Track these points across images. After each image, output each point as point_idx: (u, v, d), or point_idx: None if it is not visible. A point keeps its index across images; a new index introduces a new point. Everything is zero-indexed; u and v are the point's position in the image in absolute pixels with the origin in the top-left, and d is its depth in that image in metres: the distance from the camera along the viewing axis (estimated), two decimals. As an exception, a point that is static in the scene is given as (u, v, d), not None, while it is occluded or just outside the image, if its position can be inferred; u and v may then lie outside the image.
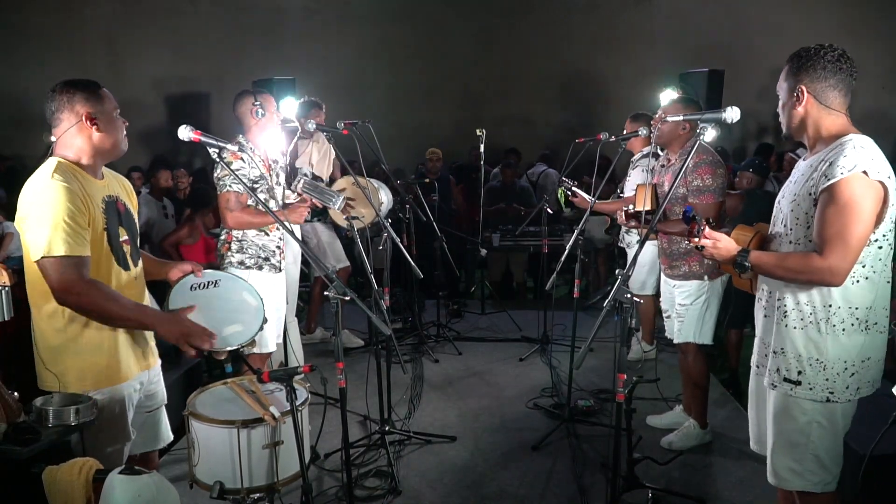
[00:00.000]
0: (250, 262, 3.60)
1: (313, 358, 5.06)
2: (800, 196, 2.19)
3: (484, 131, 6.07)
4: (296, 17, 9.52)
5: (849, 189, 2.04)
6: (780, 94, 2.28)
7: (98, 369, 2.34)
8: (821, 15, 8.99)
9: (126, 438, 2.44)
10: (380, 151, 4.35)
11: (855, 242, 2.06)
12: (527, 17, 9.48)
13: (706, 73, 6.67)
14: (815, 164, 2.17)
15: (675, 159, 3.64)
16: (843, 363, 2.18)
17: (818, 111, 2.19)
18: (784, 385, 2.24)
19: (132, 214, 2.54)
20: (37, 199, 2.19)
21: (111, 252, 2.34)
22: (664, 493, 3.27)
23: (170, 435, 2.75)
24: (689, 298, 3.63)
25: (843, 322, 2.16)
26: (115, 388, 2.37)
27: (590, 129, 5.00)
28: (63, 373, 2.33)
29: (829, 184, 2.06)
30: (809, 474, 2.25)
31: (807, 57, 2.18)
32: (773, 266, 2.19)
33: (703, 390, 3.76)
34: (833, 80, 2.17)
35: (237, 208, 3.52)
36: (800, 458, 2.25)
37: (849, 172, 2.04)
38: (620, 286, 2.34)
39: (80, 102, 2.30)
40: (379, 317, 2.66)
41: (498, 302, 6.51)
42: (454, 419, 4.23)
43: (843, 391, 2.19)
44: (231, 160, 3.50)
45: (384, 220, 4.03)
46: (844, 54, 2.17)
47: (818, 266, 2.08)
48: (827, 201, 2.07)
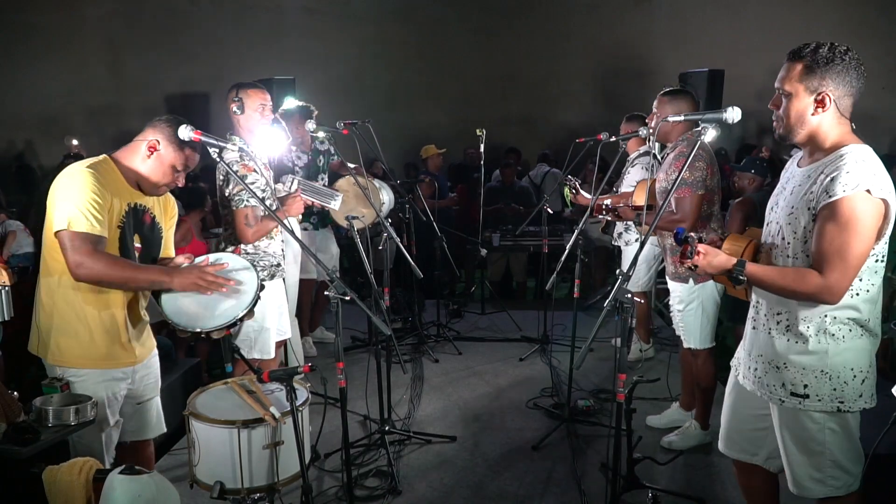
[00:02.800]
0: (264, 275, 3.41)
1: (313, 358, 5.06)
2: (797, 209, 2.12)
3: (484, 131, 6.07)
4: (296, 16, 9.53)
5: (850, 207, 1.97)
6: (786, 92, 2.09)
7: (78, 352, 2.47)
8: (821, 15, 9.00)
9: (105, 422, 2.52)
10: (380, 151, 4.35)
11: (855, 261, 2.01)
12: (527, 17, 9.48)
13: (706, 73, 6.67)
14: (813, 176, 2.09)
15: (667, 151, 3.60)
16: (850, 371, 2.13)
17: (833, 120, 2.07)
18: (792, 399, 2.19)
19: (158, 229, 2.67)
20: (67, 181, 2.38)
21: (119, 251, 2.47)
22: (664, 493, 3.27)
23: (162, 427, 2.82)
24: (681, 304, 3.59)
25: (840, 331, 2.13)
26: (91, 371, 2.48)
27: (590, 129, 4.99)
28: (46, 344, 2.48)
29: (830, 201, 1.99)
30: (832, 480, 2.20)
31: (831, 58, 2.01)
32: (769, 281, 2.12)
33: (709, 393, 3.72)
34: (854, 89, 2.05)
35: (255, 223, 3.32)
36: (819, 465, 2.20)
37: (851, 191, 1.96)
38: (620, 286, 2.34)
39: (162, 132, 2.51)
40: (379, 317, 2.66)
41: (498, 302, 6.51)
42: (454, 419, 4.23)
43: (854, 399, 2.14)
44: (245, 173, 3.27)
45: (384, 220, 4.02)
46: (860, 59, 2.04)
47: (816, 284, 2.02)
48: (827, 218, 2.00)
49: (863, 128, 2.18)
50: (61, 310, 2.45)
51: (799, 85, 2.06)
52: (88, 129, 8.93)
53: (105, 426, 2.53)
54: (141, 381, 2.68)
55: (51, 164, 7.69)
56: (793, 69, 2.07)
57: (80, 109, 9.02)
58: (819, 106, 2.05)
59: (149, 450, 2.87)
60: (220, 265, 2.60)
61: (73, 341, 2.46)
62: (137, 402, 2.69)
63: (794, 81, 2.07)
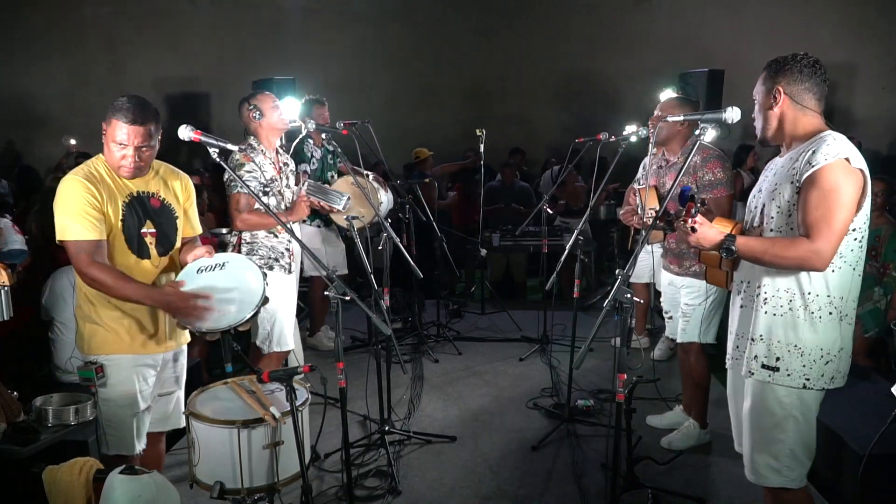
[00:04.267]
0: (260, 263, 3.56)
1: (313, 359, 5.06)
2: (780, 185, 2.26)
3: (484, 131, 6.07)
4: (296, 16, 9.51)
5: (832, 174, 2.11)
6: (756, 99, 2.37)
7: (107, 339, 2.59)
8: (821, 15, 8.98)
9: (135, 405, 2.62)
10: (380, 151, 4.35)
11: (839, 226, 2.13)
12: (527, 17, 9.46)
13: (706, 73, 6.66)
14: (794, 157, 2.24)
15: (676, 158, 3.63)
16: (819, 350, 2.24)
17: (794, 111, 2.28)
18: (762, 372, 2.30)
19: (170, 210, 2.73)
20: (59, 192, 2.52)
21: (125, 241, 2.58)
22: (664, 493, 3.27)
23: (179, 421, 2.85)
24: (697, 298, 3.61)
25: (820, 310, 2.23)
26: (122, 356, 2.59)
27: (590, 129, 4.98)
28: (80, 333, 2.63)
29: (812, 170, 2.13)
30: (787, 470, 2.32)
31: (783, 62, 2.29)
32: (760, 251, 2.22)
33: (703, 390, 3.76)
34: (808, 84, 2.26)
35: (245, 210, 3.53)
36: (777, 454, 2.32)
37: (833, 159, 2.12)
38: (620, 286, 2.34)
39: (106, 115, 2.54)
40: (379, 317, 2.66)
41: (498, 302, 6.51)
42: (454, 419, 4.23)
43: (818, 378, 2.25)
44: (243, 162, 3.49)
45: (384, 219, 4.03)
46: (819, 62, 2.28)
47: (806, 248, 2.13)
48: (811, 186, 2.14)
49: (863, 128, 2.21)
50: (90, 301, 2.59)
51: (761, 87, 2.35)
52: (88, 129, 8.91)
53: (136, 409, 2.61)
54: (166, 373, 2.76)
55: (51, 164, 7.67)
56: (759, 80, 2.37)
57: (80, 109, 9.01)
58: (774, 101, 2.29)
59: (161, 444, 2.93)
60: (206, 294, 2.57)
61: (100, 329, 2.58)
62: (159, 393, 2.76)
63: (757, 87, 2.38)
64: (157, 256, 2.68)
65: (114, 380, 2.58)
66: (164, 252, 2.70)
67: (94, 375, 2.53)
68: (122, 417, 2.59)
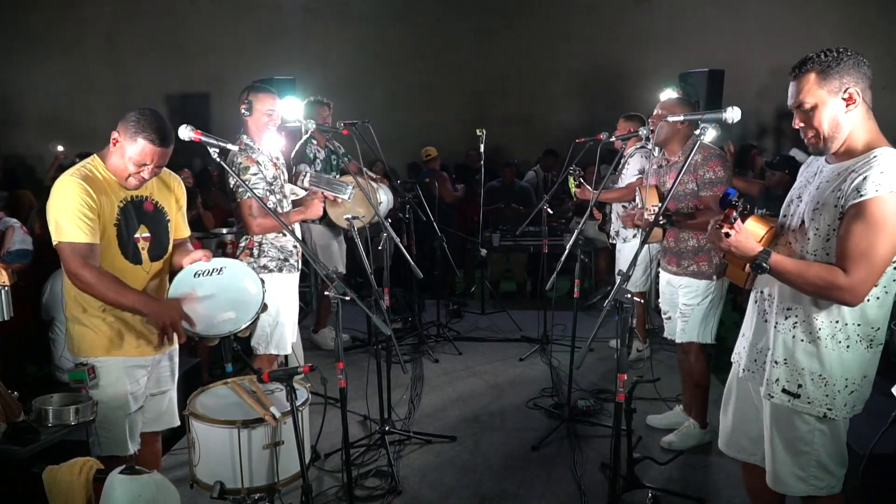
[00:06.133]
0: (272, 266, 3.52)
1: (313, 358, 5.06)
2: (823, 206, 2.07)
3: (484, 131, 6.07)
4: (296, 16, 9.52)
5: (881, 208, 1.93)
6: (809, 106, 2.05)
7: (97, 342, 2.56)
8: (821, 15, 8.98)
9: (127, 406, 2.59)
10: (380, 151, 4.35)
11: (881, 263, 1.98)
12: (527, 17, 9.47)
13: (706, 73, 6.66)
14: (843, 174, 2.04)
15: (676, 158, 3.63)
16: (844, 381, 2.12)
17: (864, 115, 2.06)
18: (782, 396, 2.19)
19: (162, 214, 2.70)
20: (54, 193, 2.47)
21: (119, 246, 2.55)
22: (664, 493, 3.27)
23: (174, 420, 2.85)
24: (696, 298, 3.61)
25: (848, 339, 2.10)
26: (113, 358, 2.57)
27: (590, 129, 4.99)
28: (70, 336, 2.61)
29: (860, 200, 1.95)
30: (814, 479, 2.21)
31: (838, 57, 2.01)
32: (793, 275, 2.05)
33: (703, 390, 3.76)
34: (869, 79, 2.04)
35: (260, 214, 3.42)
36: (803, 464, 2.20)
37: (885, 192, 1.93)
38: (620, 286, 2.34)
39: (122, 125, 2.50)
40: (379, 317, 2.66)
41: (498, 302, 6.51)
42: (454, 419, 4.23)
43: (841, 408, 2.14)
44: (247, 165, 3.40)
45: (384, 219, 4.02)
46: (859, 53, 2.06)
47: (841, 283, 1.97)
48: (856, 217, 1.96)
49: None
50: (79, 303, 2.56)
51: (821, 92, 2.03)
52: (89, 130, 8.93)
53: (128, 410, 2.59)
54: (159, 372, 2.74)
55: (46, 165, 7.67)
56: (805, 82, 2.04)
57: (80, 109, 9.02)
58: (850, 103, 2.03)
59: (157, 443, 2.92)
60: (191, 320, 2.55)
61: (89, 332, 2.55)
62: (152, 392, 2.74)
63: (813, 91, 2.04)
64: (148, 262, 2.65)
65: (105, 381, 2.55)
66: (156, 258, 2.68)
67: (87, 377, 2.50)
68: (114, 419, 2.56)
